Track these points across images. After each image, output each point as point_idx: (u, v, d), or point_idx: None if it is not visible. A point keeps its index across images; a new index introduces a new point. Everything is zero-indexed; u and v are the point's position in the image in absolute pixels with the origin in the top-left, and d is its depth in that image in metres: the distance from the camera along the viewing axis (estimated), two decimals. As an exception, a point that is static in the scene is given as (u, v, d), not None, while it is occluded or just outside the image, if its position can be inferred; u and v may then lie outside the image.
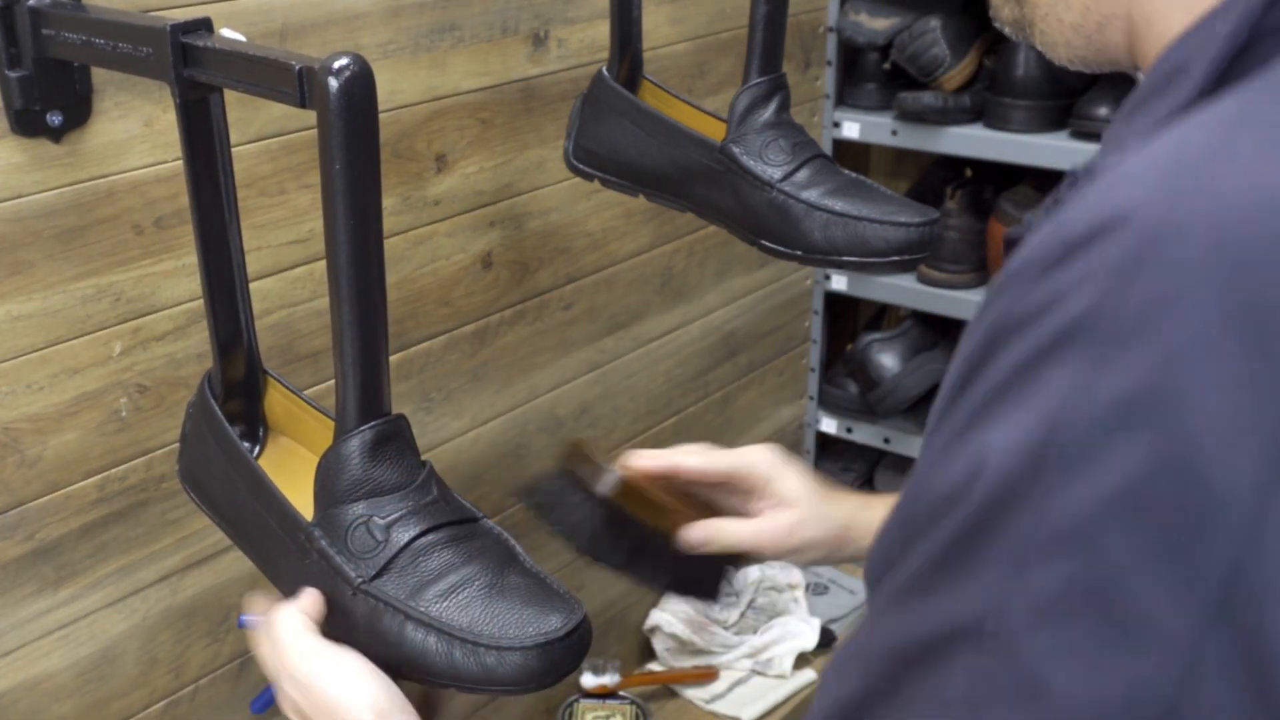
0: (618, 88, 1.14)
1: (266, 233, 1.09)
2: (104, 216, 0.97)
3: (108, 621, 1.05)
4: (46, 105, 0.91)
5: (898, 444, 1.92)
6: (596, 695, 1.57)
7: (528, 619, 0.71)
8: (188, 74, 0.77)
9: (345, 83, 0.67)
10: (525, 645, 0.69)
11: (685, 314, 1.63)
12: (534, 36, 1.29)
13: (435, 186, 1.24)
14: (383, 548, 0.72)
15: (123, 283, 1.00)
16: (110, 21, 0.82)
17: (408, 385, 1.27)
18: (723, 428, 1.77)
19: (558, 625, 0.70)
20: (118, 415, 1.02)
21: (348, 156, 0.68)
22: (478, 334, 1.33)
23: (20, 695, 1.00)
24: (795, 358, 1.91)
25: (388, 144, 1.16)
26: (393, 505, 0.74)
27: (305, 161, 1.10)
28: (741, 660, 1.68)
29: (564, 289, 1.43)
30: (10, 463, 0.96)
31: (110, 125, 0.96)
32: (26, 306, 0.94)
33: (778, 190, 1.03)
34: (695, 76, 1.50)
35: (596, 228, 1.45)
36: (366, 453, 0.73)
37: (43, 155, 0.93)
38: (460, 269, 1.29)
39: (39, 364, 0.96)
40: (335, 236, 0.69)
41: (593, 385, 1.51)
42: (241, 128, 1.04)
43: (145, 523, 1.06)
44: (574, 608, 0.72)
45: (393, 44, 1.15)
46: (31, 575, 0.99)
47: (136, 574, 1.07)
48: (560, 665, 0.71)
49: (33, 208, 0.93)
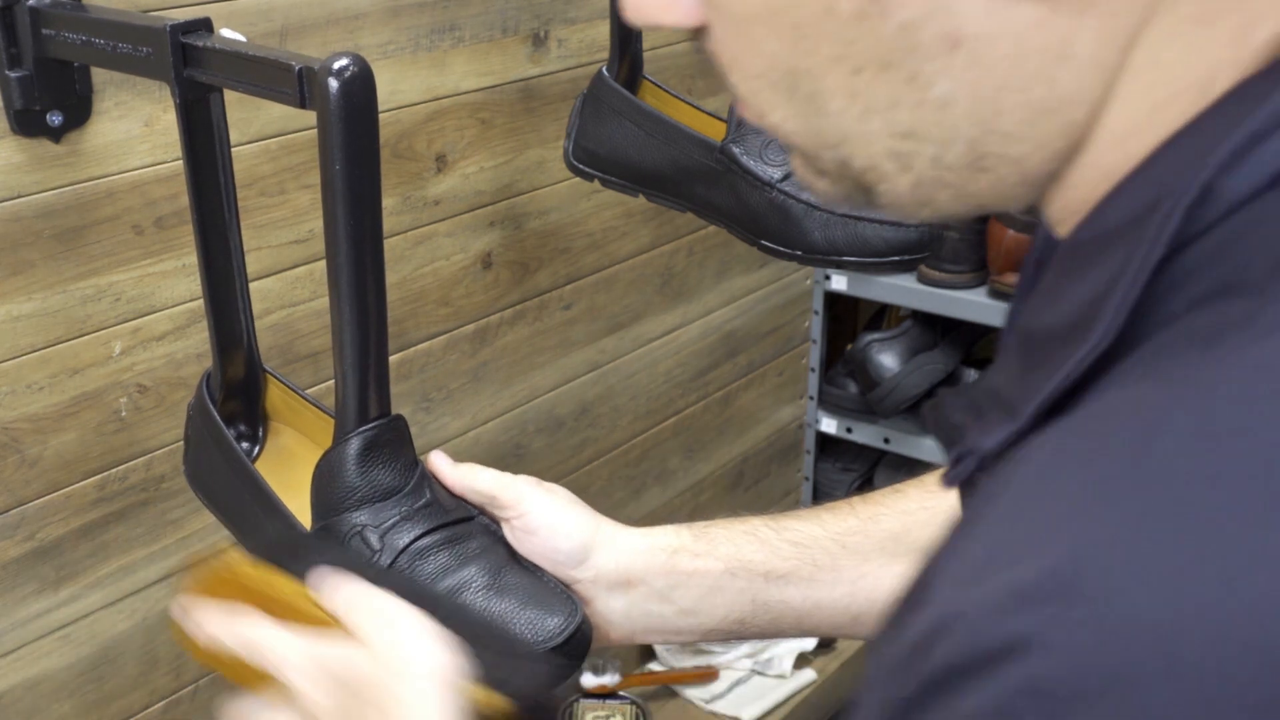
0: (618, 88, 1.14)
1: (266, 233, 1.09)
2: (104, 216, 0.97)
3: (108, 621, 1.05)
4: (46, 105, 0.91)
5: (898, 444, 1.92)
6: (597, 695, 1.57)
7: (527, 622, 0.70)
8: (188, 74, 0.77)
9: (345, 83, 0.67)
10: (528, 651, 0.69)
11: (685, 314, 1.63)
12: (534, 36, 1.29)
13: (435, 186, 1.24)
14: (378, 556, 0.72)
15: (123, 283, 1.00)
16: (110, 21, 0.82)
17: (408, 385, 1.26)
18: (723, 428, 1.77)
19: (557, 629, 0.70)
20: (118, 415, 1.02)
21: (348, 156, 0.68)
22: (478, 334, 1.33)
23: (20, 695, 1.00)
24: (795, 358, 1.91)
25: (388, 144, 1.16)
26: (387, 511, 0.73)
27: (305, 161, 1.10)
28: (741, 660, 1.68)
29: (564, 289, 1.43)
30: (10, 463, 0.96)
31: (110, 125, 0.96)
32: (26, 306, 0.94)
33: (778, 190, 1.03)
34: (695, 76, 1.50)
35: (596, 228, 1.45)
36: (361, 458, 0.73)
37: (43, 155, 0.93)
38: (460, 269, 1.29)
39: (39, 364, 0.96)
40: (335, 236, 0.69)
41: (593, 385, 1.51)
42: (241, 128, 1.04)
43: (145, 523, 1.06)
44: (572, 609, 0.72)
45: (393, 44, 1.15)
46: (31, 575, 0.99)
47: (137, 574, 1.07)
48: (562, 669, 0.71)
49: (33, 207, 0.93)
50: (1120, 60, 0.38)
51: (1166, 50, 0.37)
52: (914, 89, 0.39)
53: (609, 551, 0.75)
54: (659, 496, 1.67)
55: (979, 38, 0.38)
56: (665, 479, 1.68)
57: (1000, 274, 1.75)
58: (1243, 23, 0.36)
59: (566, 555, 0.75)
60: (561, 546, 0.75)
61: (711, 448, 1.76)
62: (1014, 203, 0.43)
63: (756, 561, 0.76)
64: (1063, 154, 0.40)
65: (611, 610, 0.76)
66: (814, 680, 1.69)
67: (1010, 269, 1.74)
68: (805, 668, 1.69)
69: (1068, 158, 0.40)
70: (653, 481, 1.66)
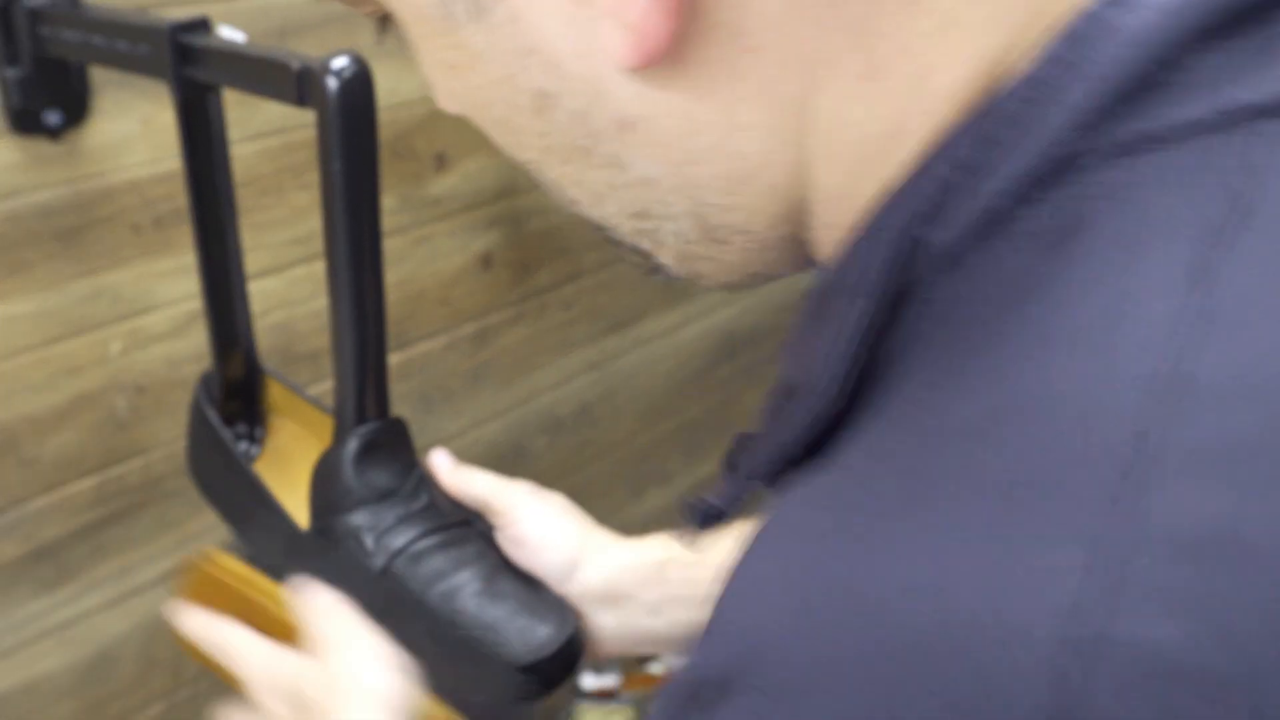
0: (618, 87, 1.14)
1: (266, 232, 1.09)
2: (102, 216, 0.97)
3: (106, 622, 1.05)
4: (45, 104, 0.90)
5: (898, 444, 1.92)
6: (597, 697, 1.57)
7: (518, 631, 0.70)
8: (186, 73, 0.76)
9: (344, 82, 0.66)
10: (518, 660, 0.69)
11: (685, 314, 1.63)
12: (534, 36, 1.29)
13: (435, 186, 1.24)
14: (373, 558, 0.72)
15: (121, 282, 1.00)
16: (109, 20, 0.82)
17: (407, 385, 1.26)
18: (723, 428, 1.77)
19: (547, 639, 0.70)
20: (116, 415, 1.02)
21: (347, 156, 0.67)
22: (478, 334, 1.33)
23: (19, 696, 1.00)
24: (795, 358, 1.90)
25: (387, 143, 1.15)
26: (384, 513, 0.73)
27: (304, 161, 1.09)
28: (741, 661, 1.68)
29: (564, 289, 1.43)
30: (8, 463, 0.96)
31: (108, 124, 0.96)
32: (24, 306, 0.94)
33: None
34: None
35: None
36: (359, 459, 0.73)
37: (41, 154, 0.92)
38: (460, 269, 1.29)
39: (37, 364, 0.96)
40: (334, 236, 0.69)
41: (593, 385, 1.51)
42: (240, 127, 1.03)
43: (143, 523, 1.06)
44: (565, 617, 0.71)
45: (392, 43, 1.15)
46: (29, 576, 0.99)
47: (135, 574, 1.07)
48: (553, 678, 0.70)
49: (31, 207, 0.93)
50: (799, 124, 0.37)
51: (847, 109, 0.36)
52: (617, 171, 0.40)
53: (596, 566, 0.75)
54: (659, 497, 1.67)
55: (644, 119, 0.38)
56: (665, 479, 1.68)
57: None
58: (914, 73, 0.35)
59: (553, 568, 0.74)
60: (548, 560, 0.74)
61: (711, 448, 1.76)
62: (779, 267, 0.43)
63: None
64: (785, 217, 0.40)
65: (601, 626, 0.75)
66: (814, 681, 1.69)
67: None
68: (805, 668, 1.69)
69: (798, 219, 0.40)
70: (653, 481, 1.66)
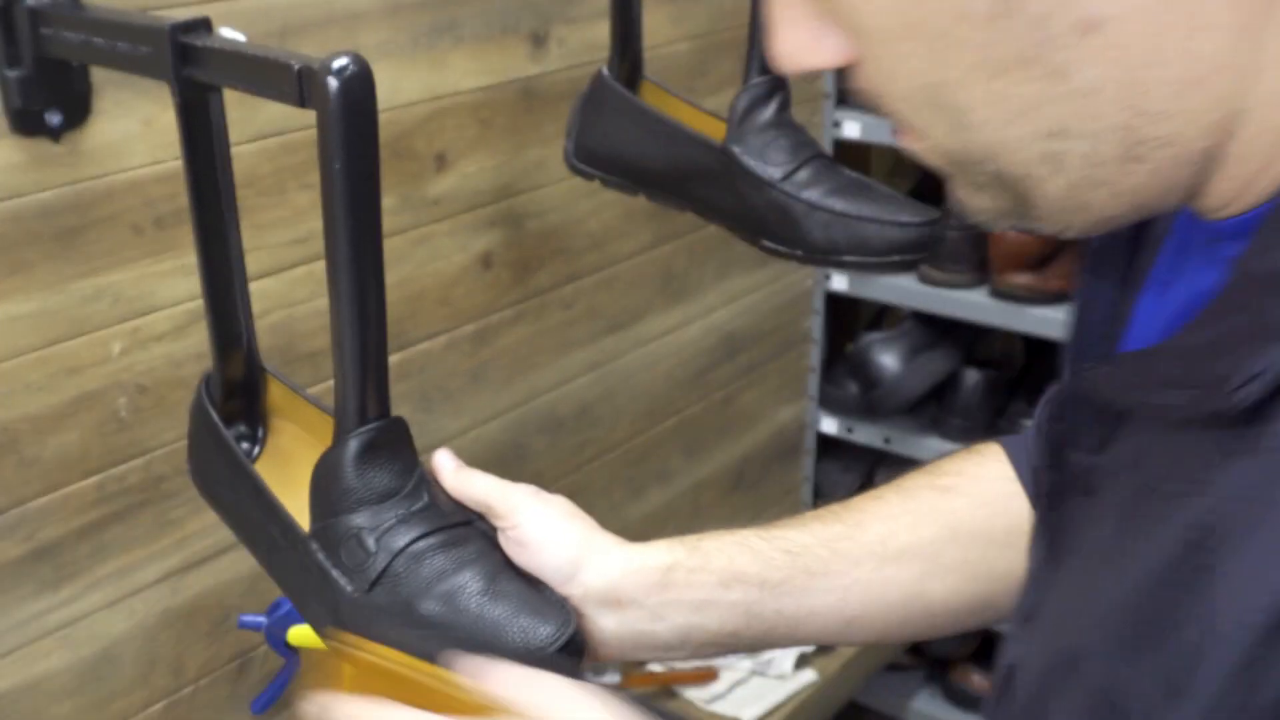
0: (618, 87, 1.14)
1: (266, 232, 1.09)
2: (103, 216, 0.97)
3: (107, 622, 1.05)
4: (45, 104, 0.91)
5: (898, 444, 1.92)
6: (596, 696, 1.57)
7: (520, 630, 0.70)
8: (187, 73, 0.77)
9: (345, 82, 0.66)
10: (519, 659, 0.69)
11: (685, 314, 1.63)
12: (534, 36, 1.29)
13: (435, 186, 1.24)
14: (374, 560, 0.72)
15: (122, 282, 1.00)
16: (109, 21, 0.82)
17: (407, 385, 1.26)
18: (723, 428, 1.77)
19: (549, 637, 0.70)
20: (117, 415, 1.02)
21: (347, 156, 0.67)
22: (478, 334, 1.33)
23: (20, 696, 1.00)
24: (795, 358, 1.90)
25: (387, 143, 1.15)
26: (384, 514, 0.73)
27: (305, 161, 1.10)
28: (742, 660, 1.68)
29: (564, 289, 1.43)
30: (9, 463, 0.96)
31: (109, 125, 0.96)
32: (25, 306, 0.94)
33: (778, 190, 1.03)
34: (695, 76, 1.50)
35: (596, 228, 1.45)
36: (359, 460, 0.73)
37: (42, 155, 0.93)
38: (460, 269, 1.29)
39: (38, 364, 0.96)
40: (335, 236, 0.69)
41: (593, 385, 1.51)
42: (241, 127, 1.03)
43: (145, 523, 1.06)
44: (566, 617, 0.71)
45: (392, 43, 1.15)
46: (31, 576, 0.99)
47: (136, 574, 1.07)
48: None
49: (31, 207, 0.93)
50: (1263, 23, 0.38)
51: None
52: (1056, 82, 0.40)
53: (598, 570, 0.75)
54: (659, 496, 1.67)
55: (1112, 19, 0.39)
56: (665, 479, 1.68)
57: (1001, 274, 1.75)
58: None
59: (554, 571, 0.74)
60: (549, 562, 0.74)
61: (712, 448, 1.76)
62: (1171, 194, 0.43)
63: (751, 573, 0.76)
64: (1218, 126, 0.41)
65: (602, 628, 0.75)
66: (814, 681, 1.69)
67: (1011, 269, 1.73)
68: (805, 668, 1.69)
69: (1225, 131, 0.41)
70: (653, 482, 1.66)
